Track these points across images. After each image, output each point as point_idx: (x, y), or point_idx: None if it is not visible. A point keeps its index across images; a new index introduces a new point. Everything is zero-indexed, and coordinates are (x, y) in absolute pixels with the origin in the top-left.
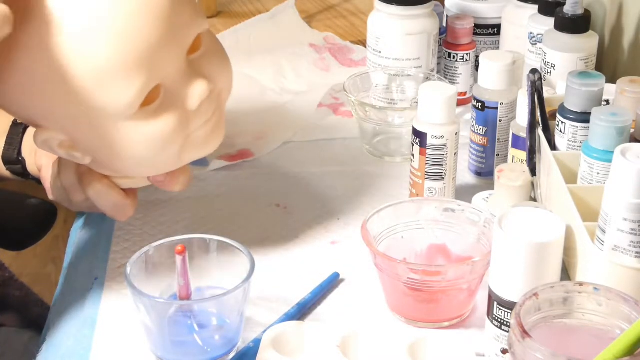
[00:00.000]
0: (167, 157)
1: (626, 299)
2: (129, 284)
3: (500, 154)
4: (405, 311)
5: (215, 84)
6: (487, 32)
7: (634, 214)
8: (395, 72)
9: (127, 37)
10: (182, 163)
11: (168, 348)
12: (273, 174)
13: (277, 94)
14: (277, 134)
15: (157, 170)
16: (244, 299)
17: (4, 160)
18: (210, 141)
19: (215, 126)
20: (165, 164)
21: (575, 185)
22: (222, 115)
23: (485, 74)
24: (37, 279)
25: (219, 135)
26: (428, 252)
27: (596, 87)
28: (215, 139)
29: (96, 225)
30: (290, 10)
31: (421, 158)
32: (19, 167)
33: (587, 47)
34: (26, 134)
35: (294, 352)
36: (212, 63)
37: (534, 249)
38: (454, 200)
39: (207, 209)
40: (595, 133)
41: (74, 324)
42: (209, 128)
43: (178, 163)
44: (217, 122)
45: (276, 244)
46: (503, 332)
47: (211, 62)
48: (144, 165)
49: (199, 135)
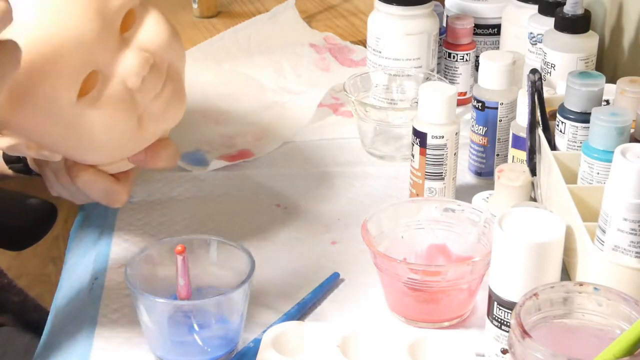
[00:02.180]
0: (126, 137)
1: (626, 299)
2: (129, 284)
3: (500, 154)
4: (405, 311)
5: (160, 55)
6: (487, 32)
7: (634, 214)
8: (395, 72)
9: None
10: (149, 139)
11: (168, 348)
12: (273, 174)
13: (277, 94)
14: (277, 134)
15: (126, 152)
16: (244, 299)
17: (5, 161)
18: (169, 113)
19: (171, 98)
20: (130, 144)
21: (575, 185)
22: (179, 86)
23: (485, 74)
24: (37, 279)
25: (177, 106)
26: (428, 252)
27: (596, 87)
28: (174, 110)
29: (96, 226)
30: (290, 10)
31: (421, 158)
32: (21, 166)
33: (587, 47)
34: None
35: (294, 352)
36: (153, 36)
37: (534, 249)
38: (454, 200)
39: (207, 209)
40: (595, 133)
41: (74, 325)
42: (162, 101)
43: (143, 140)
44: (173, 93)
45: (276, 244)
46: (503, 332)
47: (151, 35)
48: (109, 150)
49: (154, 110)
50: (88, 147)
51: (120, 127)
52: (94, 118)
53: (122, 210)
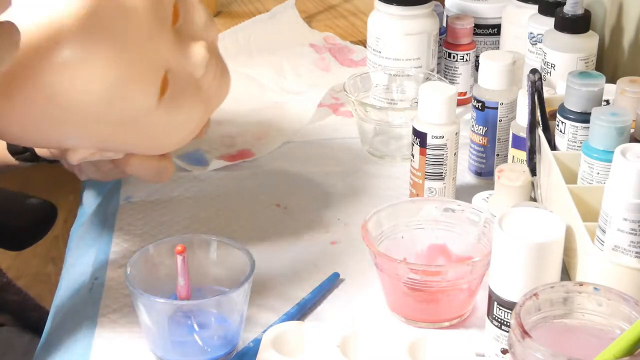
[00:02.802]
0: (199, 124)
1: (626, 299)
2: (129, 284)
3: (500, 154)
4: (405, 311)
5: (206, 39)
6: (487, 32)
7: (634, 214)
8: (395, 72)
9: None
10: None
11: (168, 348)
12: (273, 174)
13: (277, 94)
14: (277, 134)
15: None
16: (244, 299)
17: (11, 153)
18: (223, 89)
19: (222, 74)
20: (198, 128)
21: (575, 185)
22: (222, 60)
23: (485, 74)
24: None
25: (227, 80)
26: (428, 252)
27: (596, 87)
28: (226, 85)
29: (96, 226)
30: (290, 10)
31: (421, 158)
32: (29, 155)
33: (587, 47)
34: None
35: (294, 352)
36: (195, 20)
37: (534, 249)
38: (454, 200)
39: (207, 209)
40: (595, 133)
41: (74, 325)
42: (218, 79)
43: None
44: (222, 69)
45: (276, 244)
46: (503, 332)
47: (194, 20)
48: (183, 140)
49: (213, 90)
50: (165, 144)
51: (195, 117)
52: (172, 117)
53: (122, 210)
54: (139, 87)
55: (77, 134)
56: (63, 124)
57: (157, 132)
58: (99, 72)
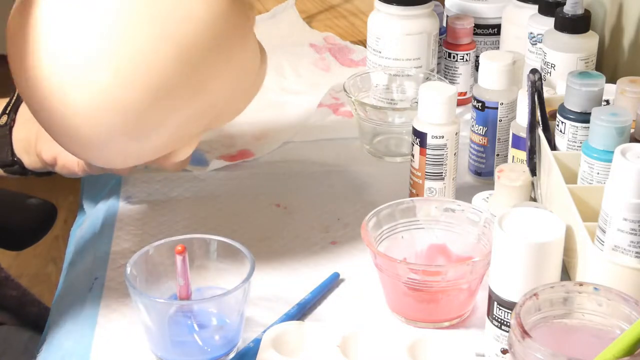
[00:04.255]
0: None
1: (626, 299)
2: (129, 284)
3: (500, 154)
4: (405, 311)
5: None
6: (487, 32)
7: (634, 214)
8: (395, 72)
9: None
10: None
11: (168, 348)
12: (273, 174)
13: (277, 94)
14: (277, 134)
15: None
16: (244, 299)
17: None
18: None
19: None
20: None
21: (575, 185)
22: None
23: (485, 74)
24: (37, 279)
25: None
26: (428, 252)
27: (596, 87)
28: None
29: (96, 226)
30: (290, 10)
31: (421, 158)
32: (17, 168)
33: (587, 47)
34: (13, 132)
35: (294, 352)
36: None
37: (534, 249)
38: (454, 200)
39: (207, 209)
40: (595, 133)
41: (74, 324)
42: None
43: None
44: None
45: (276, 244)
46: (503, 332)
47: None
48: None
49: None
50: (250, 96)
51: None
52: (261, 72)
53: (122, 210)
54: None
55: (245, 105)
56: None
57: (257, 85)
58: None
